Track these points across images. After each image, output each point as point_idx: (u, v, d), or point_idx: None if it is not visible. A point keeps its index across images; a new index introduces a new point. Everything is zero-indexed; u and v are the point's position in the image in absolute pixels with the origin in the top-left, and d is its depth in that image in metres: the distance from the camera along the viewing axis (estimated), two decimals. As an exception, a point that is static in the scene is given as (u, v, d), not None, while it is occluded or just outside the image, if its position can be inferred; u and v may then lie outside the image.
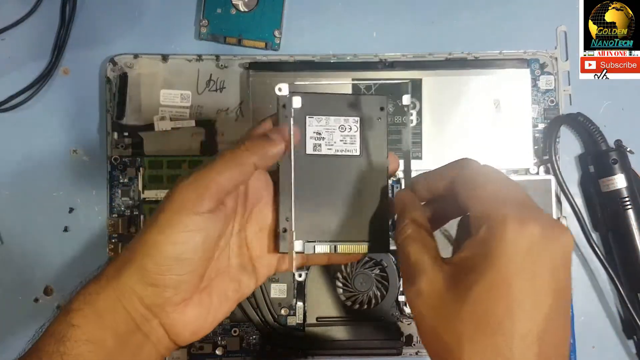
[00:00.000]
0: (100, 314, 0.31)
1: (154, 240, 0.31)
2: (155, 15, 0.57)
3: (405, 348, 0.53)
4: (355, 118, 0.37)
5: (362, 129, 0.37)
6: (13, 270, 0.55)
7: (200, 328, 0.34)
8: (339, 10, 0.57)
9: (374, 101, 0.38)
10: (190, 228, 0.31)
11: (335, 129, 0.37)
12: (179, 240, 0.31)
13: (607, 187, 0.53)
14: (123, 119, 0.55)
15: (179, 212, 0.31)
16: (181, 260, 0.31)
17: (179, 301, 0.32)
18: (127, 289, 0.32)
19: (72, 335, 0.31)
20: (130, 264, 0.32)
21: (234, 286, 0.36)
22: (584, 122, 0.53)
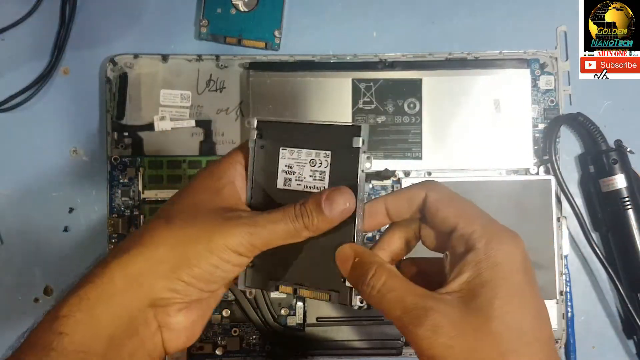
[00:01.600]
0: (96, 318, 0.29)
1: (200, 255, 0.30)
2: (155, 15, 0.57)
3: (405, 348, 0.53)
4: (326, 152, 0.32)
5: (333, 164, 0.32)
6: (13, 270, 0.55)
7: (193, 334, 0.33)
8: (339, 10, 0.57)
9: (346, 131, 0.32)
10: (235, 263, 0.31)
11: (306, 162, 0.33)
12: (222, 267, 0.31)
13: (607, 187, 0.53)
14: (123, 119, 0.55)
15: (231, 247, 0.30)
16: (212, 282, 0.31)
17: (182, 308, 0.32)
18: (143, 288, 0.30)
19: (58, 344, 0.28)
20: (160, 265, 0.30)
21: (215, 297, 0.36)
22: (584, 122, 0.53)
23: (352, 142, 0.31)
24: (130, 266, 0.30)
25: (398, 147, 0.54)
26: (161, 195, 0.54)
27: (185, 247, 0.30)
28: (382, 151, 0.54)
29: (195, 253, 0.30)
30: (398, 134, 0.54)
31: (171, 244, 0.30)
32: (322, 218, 0.30)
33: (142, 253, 0.30)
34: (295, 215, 0.30)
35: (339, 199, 0.30)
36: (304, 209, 0.30)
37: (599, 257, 0.53)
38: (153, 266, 0.30)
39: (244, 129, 0.55)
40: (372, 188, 0.55)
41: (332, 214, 0.30)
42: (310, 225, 0.30)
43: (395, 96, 0.54)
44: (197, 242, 0.30)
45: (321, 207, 0.30)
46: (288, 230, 0.31)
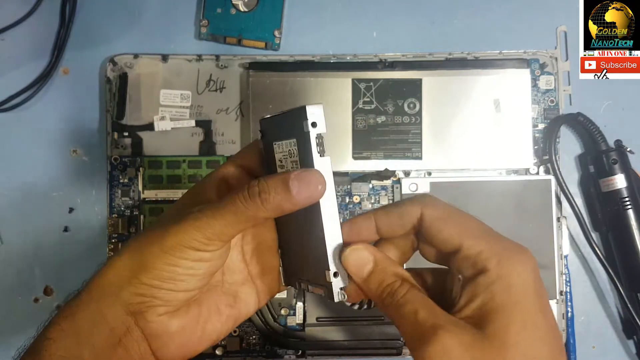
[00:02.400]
0: (78, 327, 0.30)
1: (155, 256, 0.30)
2: (155, 15, 0.57)
3: (405, 348, 0.53)
4: (293, 140, 0.31)
5: (300, 151, 0.30)
6: (13, 270, 0.55)
7: (187, 342, 0.32)
8: (339, 10, 0.57)
9: (299, 116, 0.30)
10: (194, 258, 0.30)
11: (287, 154, 0.32)
12: (181, 265, 0.30)
13: (607, 187, 0.53)
14: (123, 119, 0.55)
15: (184, 243, 0.29)
16: (178, 281, 0.30)
17: (162, 312, 0.31)
18: (113, 296, 0.30)
19: (47, 349, 0.30)
20: (122, 270, 0.30)
21: (227, 300, 0.34)
22: (584, 122, 0.53)
23: (303, 126, 0.29)
24: (102, 277, 0.31)
25: (398, 147, 0.54)
26: (161, 195, 0.54)
27: (142, 251, 0.30)
28: (382, 151, 0.54)
29: (150, 255, 0.30)
30: (398, 134, 0.54)
31: (131, 251, 0.31)
32: (286, 197, 0.28)
33: (110, 263, 0.31)
34: (249, 195, 0.29)
35: (307, 179, 0.29)
36: (262, 188, 0.29)
37: (599, 257, 0.53)
38: (117, 273, 0.31)
39: (244, 129, 0.55)
40: (372, 188, 0.55)
41: (299, 194, 0.28)
42: (267, 203, 0.29)
43: (395, 96, 0.54)
44: (152, 244, 0.30)
45: (288, 186, 0.28)
46: (238, 214, 0.29)
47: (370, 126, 0.54)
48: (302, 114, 0.29)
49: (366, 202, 0.55)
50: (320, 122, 0.29)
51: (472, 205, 0.53)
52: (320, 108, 0.29)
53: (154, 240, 0.30)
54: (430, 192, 0.54)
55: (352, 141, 0.54)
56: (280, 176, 0.29)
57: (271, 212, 0.29)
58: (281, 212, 0.29)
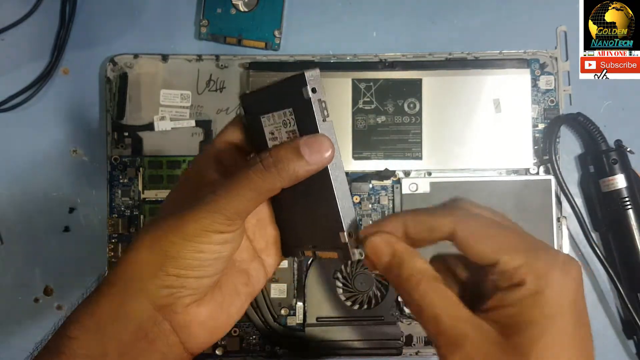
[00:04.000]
0: (101, 324, 0.30)
1: (179, 245, 0.30)
2: (155, 15, 0.57)
3: (405, 348, 0.53)
4: (289, 110, 0.31)
5: (298, 121, 0.31)
6: (13, 270, 0.55)
7: (216, 328, 0.32)
8: (339, 10, 0.57)
9: (296, 84, 0.30)
10: (218, 242, 0.30)
11: (280, 125, 0.32)
12: (206, 250, 0.30)
13: (607, 187, 0.53)
14: (123, 119, 0.55)
15: (207, 228, 0.29)
16: (204, 267, 0.30)
17: (190, 302, 0.31)
18: (137, 290, 0.30)
19: (68, 348, 0.29)
20: (145, 265, 0.30)
21: (242, 279, 0.34)
22: (584, 122, 0.53)
23: (303, 94, 0.29)
24: (123, 271, 0.31)
25: (398, 147, 0.54)
26: (161, 195, 0.54)
27: (162, 243, 0.30)
28: (382, 151, 0.54)
29: (173, 245, 0.30)
30: (398, 134, 0.54)
31: (149, 244, 0.30)
32: (300, 164, 0.29)
33: (129, 259, 0.31)
34: (264, 167, 0.29)
35: (317, 143, 0.29)
36: (276, 158, 0.29)
37: (599, 257, 0.53)
38: (140, 269, 0.30)
39: (244, 129, 0.55)
40: (372, 188, 0.55)
41: (311, 158, 0.29)
42: (284, 172, 0.29)
43: (395, 96, 0.54)
44: (172, 234, 0.30)
45: (299, 152, 0.29)
46: (256, 188, 0.30)
47: (370, 126, 0.54)
48: (299, 82, 0.29)
49: (366, 202, 0.55)
50: (320, 86, 0.30)
51: (472, 205, 0.53)
52: (318, 72, 0.29)
53: (172, 230, 0.30)
54: (430, 192, 0.54)
55: (352, 141, 0.54)
56: (290, 144, 0.30)
57: (287, 181, 0.30)
58: (296, 179, 0.30)
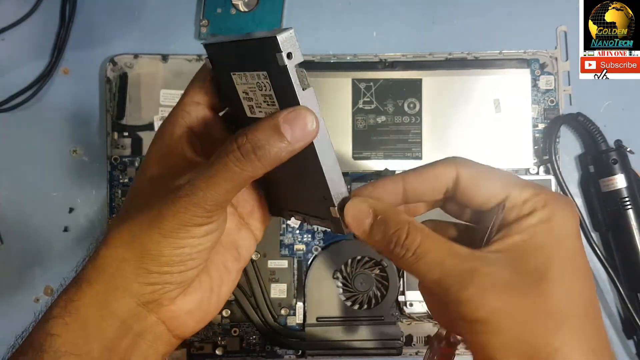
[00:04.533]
0: (84, 322, 0.28)
1: (157, 242, 0.28)
2: (155, 15, 0.57)
3: (405, 348, 0.53)
4: (264, 73, 0.27)
5: (274, 85, 0.27)
6: (13, 270, 0.55)
7: (205, 313, 0.31)
8: (339, 10, 0.57)
9: (268, 47, 0.25)
10: (199, 235, 0.28)
11: (255, 87, 0.28)
12: (186, 244, 0.28)
13: (607, 187, 0.52)
14: (123, 119, 0.55)
15: (186, 223, 0.27)
16: (187, 261, 0.29)
17: (176, 295, 0.30)
18: (121, 290, 0.29)
19: (51, 345, 0.28)
20: (124, 263, 0.29)
21: (232, 255, 0.33)
22: (584, 122, 0.53)
23: (277, 60, 0.25)
24: (103, 269, 0.29)
25: (398, 147, 0.54)
26: (161, 195, 0.54)
27: (142, 240, 0.28)
28: (382, 151, 0.54)
29: (152, 242, 0.28)
30: (398, 134, 0.54)
31: (129, 240, 0.29)
32: (282, 146, 0.26)
33: (107, 255, 0.29)
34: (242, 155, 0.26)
35: (300, 119, 0.26)
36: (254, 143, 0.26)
37: (599, 257, 0.53)
38: (120, 267, 0.29)
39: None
40: (372, 188, 0.55)
41: (294, 138, 0.26)
42: (264, 159, 0.26)
43: (395, 96, 0.54)
44: (150, 229, 0.28)
45: (280, 132, 0.26)
46: (234, 179, 0.27)
47: (370, 126, 0.54)
48: (271, 45, 0.25)
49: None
50: (296, 50, 0.26)
51: (472, 205, 0.53)
52: (292, 33, 0.25)
53: (150, 226, 0.28)
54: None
55: (352, 141, 0.54)
56: (268, 123, 0.26)
57: (269, 166, 0.27)
58: (279, 162, 0.27)
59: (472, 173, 0.28)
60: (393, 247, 0.27)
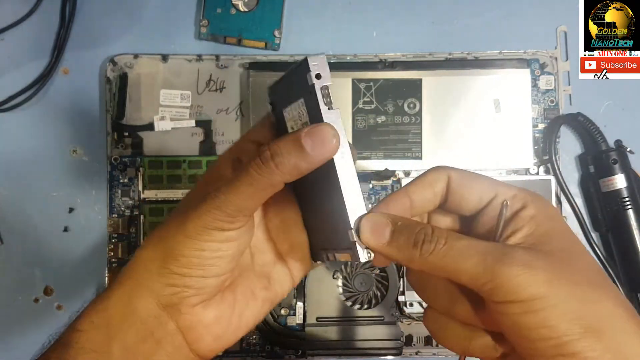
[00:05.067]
0: (108, 321, 0.30)
1: (180, 242, 0.29)
2: (155, 15, 0.57)
3: (405, 348, 0.53)
4: (301, 100, 0.29)
5: (309, 110, 0.28)
6: (13, 270, 0.55)
7: (224, 332, 0.31)
8: (339, 10, 0.57)
9: (302, 71, 0.27)
10: (220, 239, 0.29)
11: (297, 118, 0.29)
12: (208, 248, 0.29)
13: (607, 187, 0.53)
14: (123, 119, 0.55)
15: (207, 225, 0.28)
16: (207, 266, 0.29)
17: (196, 302, 0.30)
18: (144, 288, 0.30)
19: (77, 341, 0.29)
20: (150, 262, 0.30)
21: (261, 283, 0.33)
22: (584, 122, 0.53)
23: (307, 80, 0.27)
24: (132, 269, 0.30)
25: (398, 147, 0.54)
26: (161, 195, 0.54)
27: (166, 240, 0.30)
28: (382, 151, 0.54)
29: (175, 242, 0.29)
30: (398, 134, 0.54)
31: (155, 241, 0.30)
32: (301, 156, 0.27)
33: (137, 256, 0.31)
34: (262, 162, 0.27)
35: (320, 133, 0.27)
36: (273, 151, 0.27)
37: (599, 257, 0.53)
38: (146, 265, 0.30)
39: (244, 129, 0.55)
40: (372, 188, 0.55)
41: (314, 150, 0.27)
42: (283, 166, 0.27)
43: (395, 96, 0.54)
44: (175, 231, 0.29)
45: (300, 143, 0.27)
46: (255, 184, 0.28)
47: (370, 126, 0.54)
48: (304, 68, 0.27)
49: (366, 203, 0.55)
50: (325, 72, 0.27)
51: (472, 205, 0.53)
52: (324, 57, 0.27)
53: (176, 227, 0.29)
54: (430, 192, 0.54)
55: (352, 141, 0.54)
56: (291, 136, 0.27)
57: (287, 175, 0.27)
58: (298, 173, 0.27)
59: (462, 175, 0.30)
60: (422, 244, 0.27)
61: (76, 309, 0.31)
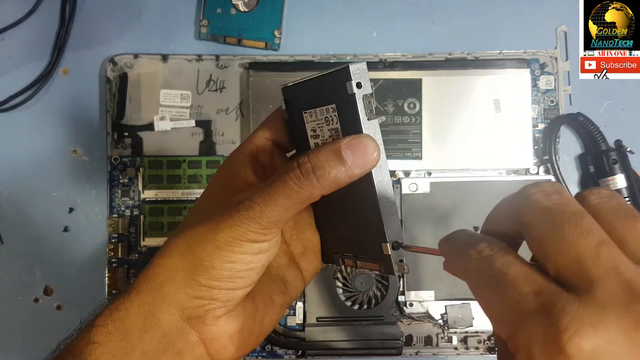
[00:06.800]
0: (126, 332, 0.28)
1: (210, 253, 0.28)
2: (155, 15, 0.57)
3: (405, 348, 0.53)
4: (332, 106, 0.28)
5: (341, 117, 0.28)
6: (13, 270, 0.55)
7: (246, 341, 0.30)
8: (339, 10, 0.57)
9: (339, 78, 0.27)
10: (252, 251, 0.28)
11: (323, 122, 0.29)
12: (239, 260, 0.28)
13: (607, 187, 0.52)
14: (123, 119, 0.55)
15: (241, 237, 0.28)
16: (237, 278, 0.29)
17: (221, 314, 0.29)
18: (167, 300, 0.29)
19: (91, 353, 0.28)
20: (175, 272, 0.29)
21: (279, 288, 0.32)
22: (584, 122, 0.53)
23: (347, 89, 0.27)
24: (153, 279, 0.29)
25: (398, 147, 0.54)
26: (161, 195, 0.54)
27: (195, 250, 0.28)
28: (382, 151, 0.54)
29: (206, 253, 0.28)
30: (398, 134, 0.54)
31: (182, 250, 0.29)
32: (342, 169, 0.26)
33: (160, 264, 0.29)
34: (302, 174, 0.27)
35: (362, 146, 0.26)
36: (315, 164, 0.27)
37: (599, 257, 0.53)
38: (171, 276, 0.29)
39: (244, 129, 0.55)
40: (372, 188, 0.55)
41: (355, 163, 0.26)
42: (324, 180, 0.27)
43: (395, 96, 0.54)
44: (205, 240, 0.28)
45: (341, 156, 0.26)
46: (294, 196, 0.27)
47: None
48: (343, 75, 0.27)
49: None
50: (366, 81, 0.27)
51: (472, 205, 0.53)
52: (364, 66, 0.27)
53: (205, 237, 0.28)
54: (430, 192, 0.53)
55: (352, 141, 0.54)
56: (331, 147, 0.27)
57: (327, 189, 0.27)
58: (337, 186, 0.27)
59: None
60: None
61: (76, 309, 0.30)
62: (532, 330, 0.19)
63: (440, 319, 0.53)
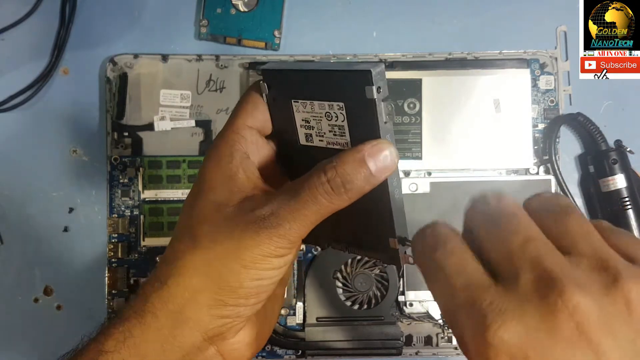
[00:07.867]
0: (144, 357, 0.28)
1: (238, 273, 0.27)
2: (155, 15, 0.57)
3: (405, 348, 0.53)
4: (339, 104, 0.27)
5: (350, 117, 0.27)
6: (13, 270, 0.55)
7: (260, 343, 0.31)
8: (339, 10, 0.57)
9: (355, 78, 0.26)
10: (278, 265, 0.28)
11: (322, 116, 0.28)
12: (266, 276, 0.28)
13: (607, 187, 0.52)
14: (123, 119, 0.55)
15: (268, 254, 0.27)
16: (263, 293, 0.28)
17: (242, 327, 0.29)
18: (191, 323, 0.28)
19: None
20: (199, 295, 0.28)
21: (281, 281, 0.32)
22: (584, 122, 0.53)
23: (366, 93, 0.26)
24: (171, 301, 0.28)
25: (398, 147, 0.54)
26: (161, 195, 0.54)
27: (219, 270, 0.27)
28: (382, 151, 0.54)
29: (232, 273, 0.27)
30: (398, 134, 0.54)
31: (204, 270, 0.28)
32: (367, 179, 0.27)
33: (179, 284, 0.28)
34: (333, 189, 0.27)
35: (384, 154, 0.27)
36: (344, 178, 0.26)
37: (599, 257, 0.53)
38: (193, 297, 0.28)
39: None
40: (372, 188, 0.55)
41: (378, 171, 0.26)
42: (352, 192, 0.27)
43: (395, 96, 0.54)
44: (228, 259, 0.27)
45: (367, 166, 0.26)
46: (322, 212, 0.27)
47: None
48: (362, 79, 0.26)
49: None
50: (384, 84, 0.26)
51: (472, 205, 0.53)
52: (383, 68, 0.26)
53: (227, 255, 0.27)
54: (430, 192, 0.54)
55: (352, 141, 0.54)
56: (354, 157, 0.27)
57: (354, 199, 0.27)
58: (361, 195, 0.27)
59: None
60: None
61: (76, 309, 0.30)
62: (463, 322, 0.21)
63: (440, 318, 0.53)
